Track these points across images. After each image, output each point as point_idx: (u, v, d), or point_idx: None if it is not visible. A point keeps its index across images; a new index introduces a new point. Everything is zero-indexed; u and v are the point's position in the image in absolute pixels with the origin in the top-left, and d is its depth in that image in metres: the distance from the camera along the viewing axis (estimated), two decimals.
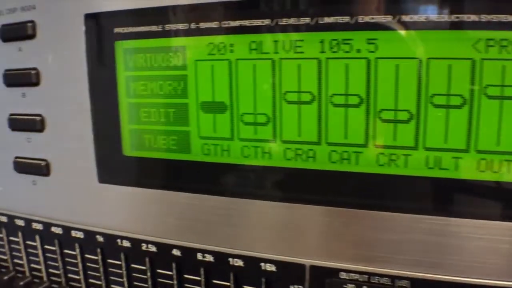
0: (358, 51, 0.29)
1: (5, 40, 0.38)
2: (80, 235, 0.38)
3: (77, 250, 0.40)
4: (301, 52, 0.30)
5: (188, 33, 0.32)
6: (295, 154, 0.32)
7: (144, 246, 0.36)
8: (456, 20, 0.26)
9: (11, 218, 0.41)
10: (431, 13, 0.27)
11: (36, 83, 0.37)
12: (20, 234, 0.42)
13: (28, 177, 0.40)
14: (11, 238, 0.43)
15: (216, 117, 0.33)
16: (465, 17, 0.26)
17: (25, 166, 0.39)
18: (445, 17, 0.26)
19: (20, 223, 0.41)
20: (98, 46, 0.35)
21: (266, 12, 0.30)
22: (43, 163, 0.38)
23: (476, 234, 0.28)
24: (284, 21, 0.30)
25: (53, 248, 0.40)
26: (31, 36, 0.37)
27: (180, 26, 0.32)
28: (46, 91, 0.37)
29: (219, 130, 0.33)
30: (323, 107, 0.30)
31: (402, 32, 0.27)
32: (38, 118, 0.38)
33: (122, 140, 0.35)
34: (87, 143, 0.36)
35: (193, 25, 0.32)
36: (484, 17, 0.26)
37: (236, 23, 0.31)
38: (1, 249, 0.44)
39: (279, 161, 0.32)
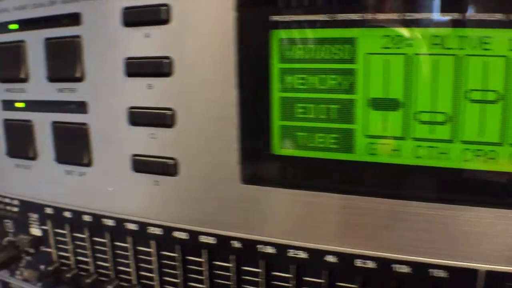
0: None
1: (129, 25, 0.39)
2: (212, 240, 0.40)
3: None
4: (489, 49, 0.33)
5: (360, 24, 0.35)
6: (475, 155, 0.34)
7: (291, 252, 0.38)
8: None
9: (120, 222, 0.43)
10: None
11: (167, 74, 0.38)
12: (130, 240, 0.43)
13: (149, 177, 0.40)
14: (117, 243, 0.44)
15: (387, 115, 0.35)
16: None
17: (147, 165, 0.41)
18: None
19: (133, 227, 0.43)
20: (249, 35, 0.37)
21: (452, 5, 0.33)
22: (171, 161, 0.40)
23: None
24: (472, 16, 0.32)
25: (173, 255, 0.42)
26: (164, 21, 0.38)
27: (353, 16, 0.34)
28: (179, 83, 0.38)
29: (389, 128, 0.35)
30: (509, 107, 0.33)
31: None
32: (168, 112, 0.39)
33: (272, 138, 0.37)
34: (227, 141, 0.40)
35: (369, 16, 0.34)
36: None
37: (418, 15, 0.33)
38: (103, 255, 0.46)
39: (457, 162, 0.35)
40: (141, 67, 0.41)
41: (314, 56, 0.37)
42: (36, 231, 0.51)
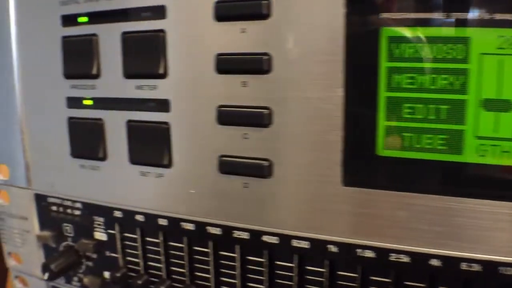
0: None
1: (222, 19, 0.40)
2: (306, 245, 0.41)
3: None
4: None
5: (476, 23, 0.36)
6: None
7: (393, 257, 0.40)
8: None
9: (201, 226, 0.44)
10: None
11: (265, 71, 0.39)
12: (211, 245, 0.44)
13: (238, 178, 0.42)
14: (197, 248, 0.45)
15: (499, 116, 0.37)
16: None
17: (237, 166, 0.42)
18: None
19: (216, 231, 0.44)
20: (358, 32, 0.38)
21: None
22: (264, 163, 0.41)
23: None
24: None
25: (261, 260, 0.43)
26: (264, 16, 0.39)
27: (469, 15, 0.36)
28: (278, 80, 0.39)
29: (501, 129, 0.37)
30: None
31: None
32: (265, 111, 0.40)
33: (377, 138, 0.38)
34: (328, 141, 0.41)
35: (485, 16, 0.35)
36: None
37: None
38: (177, 261, 0.46)
39: None
40: (236, 64, 0.43)
41: (425, 55, 0.39)
42: (101, 235, 0.52)
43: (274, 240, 0.45)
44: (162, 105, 0.46)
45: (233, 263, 0.48)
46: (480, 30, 0.39)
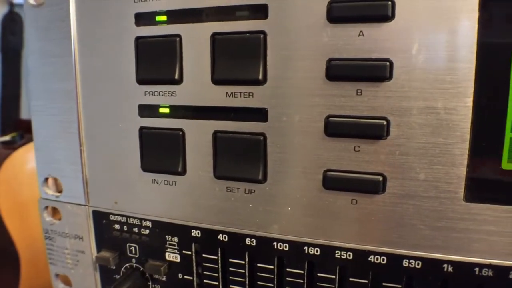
0: None
1: (337, 21, 0.33)
2: (416, 265, 0.34)
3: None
4: None
5: None
6: None
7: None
8: None
9: (298, 247, 0.37)
10: None
11: (385, 78, 0.33)
12: (306, 267, 0.37)
13: (345, 195, 0.35)
14: (291, 270, 0.37)
15: None
16: None
17: (345, 182, 0.35)
18: None
19: (313, 251, 0.37)
20: (493, 38, 0.32)
21: None
22: (377, 178, 0.34)
23: None
24: None
25: (364, 281, 0.36)
26: (387, 18, 0.32)
27: None
28: (398, 89, 0.33)
29: None
30: None
31: None
32: (382, 122, 0.34)
33: (502, 151, 0.32)
34: (451, 154, 0.34)
35: None
36: None
37: None
38: (264, 283, 0.39)
39: None
40: (353, 70, 0.35)
41: None
42: (173, 256, 0.42)
43: (381, 260, 0.37)
44: (259, 114, 0.38)
45: (331, 285, 0.39)
46: None
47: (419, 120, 0.35)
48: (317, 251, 0.39)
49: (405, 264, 0.37)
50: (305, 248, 0.39)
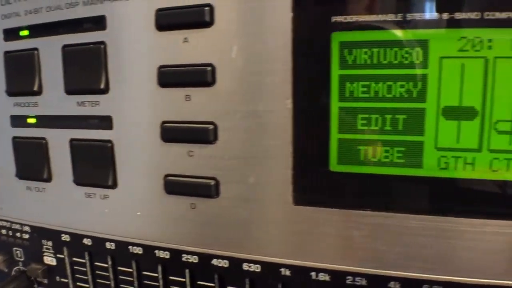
0: None
1: (164, 28, 0.30)
2: (256, 268, 0.31)
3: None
4: None
5: (434, 24, 0.27)
6: None
7: (349, 280, 0.30)
8: None
9: (150, 249, 0.33)
10: None
11: (209, 83, 0.29)
12: (160, 268, 0.34)
13: (185, 199, 0.31)
14: (146, 273, 0.34)
15: (461, 125, 0.27)
16: None
17: (183, 186, 0.32)
18: None
19: (164, 255, 0.33)
20: (307, 38, 0.28)
21: None
22: (211, 182, 0.31)
23: None
24: None
25: (210, 285, 0.33)
26: (206, 24, 0.29)
27: (426, 16, 0.26)
28: (222, 92, 0.29)
29: (463, 140, 0.27)
30: None
31: None
32: (210, 126, 0.30)
33: (330, 152, 0.29)
34: (278, 157, 0.31)
35: (445, 15, 0.26)
36: None
37: (499, 14, 0.25)
38: (128, 286, 0.36)
39: None
40: (179, 76, 0.31)
41: (380, 61, 0.29)
42: (50, 259, 0.40)
43: (223, 264, 0.34)
44: (105, 122, 0.34)
45: None
46: (439, 32, 0.29)
47: (244, 124, 0.31)
48: (167, 254, 0.35)
49: (245, 268, 0.33)
50: (156, 251, 0.35)
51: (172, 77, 0.32)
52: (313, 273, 0.31)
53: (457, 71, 0.28)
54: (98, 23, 0.34)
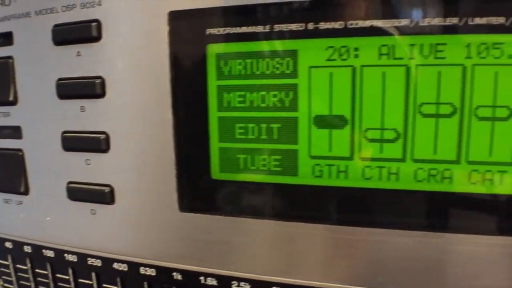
0: (511, 56, 0.24)
1: (59, 43, 0.30)
2: (151, 272, 0.31)
3: (146, 285, 0.33)
4: (443, 58, 0.24)
5: (302, 34, 0.26)
6: (428, 175, 0.26)
7: (234, 285, 0.29)
8: None
9: (60, 253, 0.33)
10: None
11: (100, 95, 0.30)
12: (70, 271, 0.34)
13: (85, 205, 0.31)
14: (59, 275, 0.34)
15: (332, 133, 0.27)
16: None
17: (83, 193, 0.32)
18: None
19: (72, 258, 0.34)
20: (184, 50, 0.28)
21: (401, 11, 0.25)
22: (106, 189, 0.31)
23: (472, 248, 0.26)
24: (426, 21, 0.24)
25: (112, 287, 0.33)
26: (95, 39, 0.29)
27: (293, 27, 0.26)
28: (113, 104, 0.29)
29: (335, 148, 0.27)
30: (465, 121, 0.25)
31: None
32: (102, 136, 0.30)
33: (211, 162, 0.28)
34: (164, 166, 0.30)
35: (310, 25, 0.25)
36: None
37: (366, 23, 0.25)
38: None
39: (409, 183, 0.27)
40: (73, 88, 0.31)
41: (253, 72, 0.28)
42: None
43: (123, 267, 0.33)
44: (15, 132, 0.34)
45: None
46: (307, 42, 0.28)
47: (134, 133, 0.30)
48: (75, 258, 0.35)
49: (142, 271, 0.32)
50: (66, 255, 0.35)
51: (68, 89, 0.31)
52: (201, 278, 0.31)
53: (325, 80, 0.27)
54: (6, 38, 0.34)
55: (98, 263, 0.34)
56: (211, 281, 0.31)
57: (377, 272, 0.27)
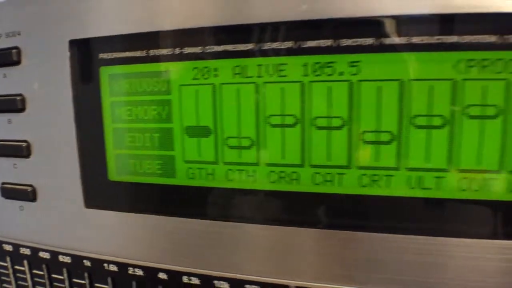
0: (341, 74, 0.27)
1: None
2: (67, 259, 0.35)
3: (65, 274, 0.36)
4: (285, 76, 0.28)
5: (172, 58, 0.30)
6: (279, 177, 0.29)
7: (131, 270, 0.33)
8: (438, 41, 0.24)
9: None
10: (413, 35, 0.25)
11: (21, 109, 0.34)
12: (8, 259, 0.38)
13: (15, 202, 0.36)
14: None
15: (200, 141, 0.30)
16: (447, 39, 0.24)
17: (11, 192, 0.36)
18: (427, 39, 0.24)
19: (8, 248, 0.38)
20: (83, 72, 0.32)
21: (250, 37, 0.28)
22: (29, 188, 0.35)
23: (463, 252, 0.26)
24: (267, 45, 0.27)
25: (41, 273, 0.37)
26: (16, 63, 0.34)
27: (165, 51, 0.30)
28: (32, 117, 0.34)
29: (203, 154, 0.30)
30: (306, 130, 0.28)
31: (385, 55, 0.25)
32: (24, 144, 0.35)
33: (108, 165, 0.32)
34: (73, 169, 0.33)
35: (177, 50, 0.29)
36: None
37: (221, 48, 0.28)
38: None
39: (263, 184, 0.29)
40: (2, 104, 0.36)
41: (137, 89, 0.32)
42: None
43: (46, 256, 0.37)
44: None
45: (23, 276, 0.39)
46: (177, 64, 0.32)
47: (50, 142, 0.34)
48: (11, 247, 0.39)
49: (106, 267, 0.35)
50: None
51: None
52: (105, 264, 0.35)
53: (192, 96, 0.31)
54: None
55: (27, 252, 0.38)
56: (113, 267, 0.34)
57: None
